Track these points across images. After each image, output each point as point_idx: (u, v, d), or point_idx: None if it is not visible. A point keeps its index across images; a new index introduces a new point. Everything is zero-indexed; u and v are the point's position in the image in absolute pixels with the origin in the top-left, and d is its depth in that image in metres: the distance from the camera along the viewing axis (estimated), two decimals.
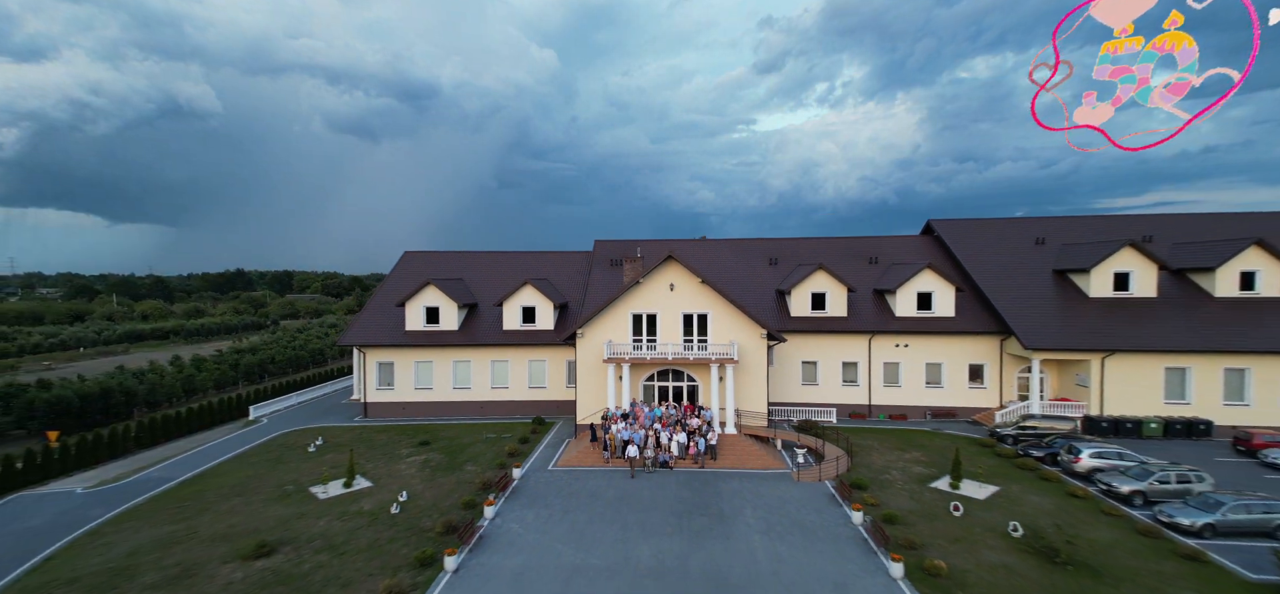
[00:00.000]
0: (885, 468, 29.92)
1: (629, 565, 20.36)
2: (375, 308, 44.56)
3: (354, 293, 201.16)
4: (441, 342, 41.61)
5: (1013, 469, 29.46)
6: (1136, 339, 34.75)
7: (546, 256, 50.44)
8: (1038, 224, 45.39)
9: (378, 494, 27.33)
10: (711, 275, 36.92)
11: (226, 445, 36.02)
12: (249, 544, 22.15)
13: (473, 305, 44.14)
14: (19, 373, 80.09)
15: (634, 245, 44.54)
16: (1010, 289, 39.07)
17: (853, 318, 40.12)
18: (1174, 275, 38.32)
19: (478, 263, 49.48)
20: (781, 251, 47.34)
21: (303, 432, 38.27)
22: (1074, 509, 24.65)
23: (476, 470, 29.96)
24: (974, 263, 41.78)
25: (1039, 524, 22.51)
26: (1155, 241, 40.99)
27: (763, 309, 40.27)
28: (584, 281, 44.99)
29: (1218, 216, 44.04)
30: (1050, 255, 41.57)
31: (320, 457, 33.02)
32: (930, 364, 39.22)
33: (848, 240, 47.73)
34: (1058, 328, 36.11)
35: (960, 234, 44.98)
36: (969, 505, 25.00)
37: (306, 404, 46.77)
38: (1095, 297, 37.47)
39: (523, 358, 41.72)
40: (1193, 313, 35.80)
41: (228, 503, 26.84)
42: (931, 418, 38.91)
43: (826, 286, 40.16)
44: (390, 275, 48.92)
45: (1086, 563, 20.02)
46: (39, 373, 74.13)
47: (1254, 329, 34.20)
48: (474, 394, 41.75)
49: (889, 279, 41.26)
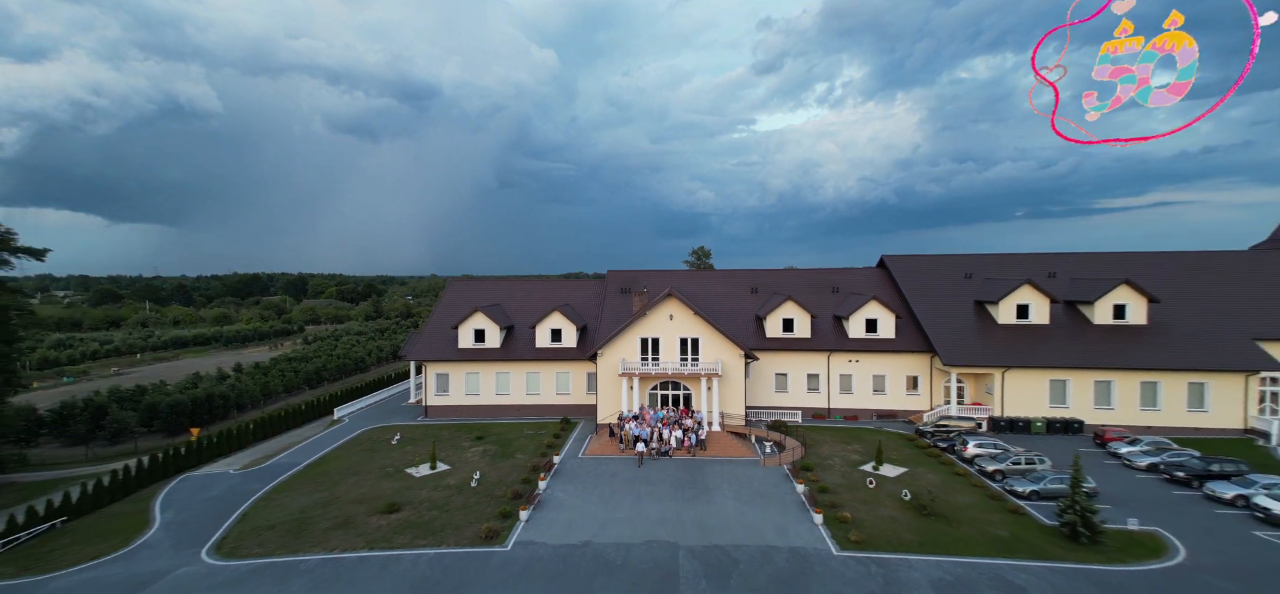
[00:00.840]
0: (830, 456, 40.16)
1: (641, 517, 30.59)
2: (432, 330, 54.81)
3: (370, 298, 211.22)
4: (487, 357, 51.90)
5: (924, 456, 39.68)
6: (1030, 358, 44.98)
7: (568, 283, 60.79)
8: (968, 261, 55.61)
9: (456, 474, 37.55)
10: (703, 305, 47.20)
11: (326, 439, 46.30)
12: (381, 504, 32.44)
13: (510, 327, 54.38)
14: (91, 378, 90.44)
15: (640, 276, 54.93)
16: (939, 316, 49.30)
17: (815, 338, 50.36)
18: (1066, 306, 48.57)
19: (513, 289, 59.82)
20: (761, 281, 57.62)
21: (380, 428, 48.56)
22: (954, 483, 34.86)
23: (525, 457, 40.22)
24: (913, 294, 52.02)
25: (923, 491, 32.73)
26: (1058, 277, 51.29)
27: (744, 331, 50.52)
28: (600, 306, 55.20)
29: (1110, 256, 54.29)
30: (974, 288, 51.81)
31: (401, 448, 43.26)
32: (876, 375, 49.46)
33: (815, 272, 58.03)
34: (971, 348, 46.33)
35: (905, 268, 55.24)
36: (882, 481, 35.23)
37: (375, 406, 57.09)
38: (1002, 323, 47.72)
39: (551, 370, 52.00)
40: (1076, 337, 46.03)
41: (349, 480, 37.09)
42: (877, 418, 49.12)
43: (794, 313, 50.41)
44: (440, 301, 59.20)
45: (945, 515, 30.25)
46: (110, 379, 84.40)
47: (1120, 351, 44.43)
48: (512, 399, 52.03)
49: (844, 307, 51.49)
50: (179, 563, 27.20)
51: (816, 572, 24.88)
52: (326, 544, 28.21)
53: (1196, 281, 49.17)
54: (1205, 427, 42.52)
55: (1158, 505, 31.29)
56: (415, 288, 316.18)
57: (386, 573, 25.30)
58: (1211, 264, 51.45)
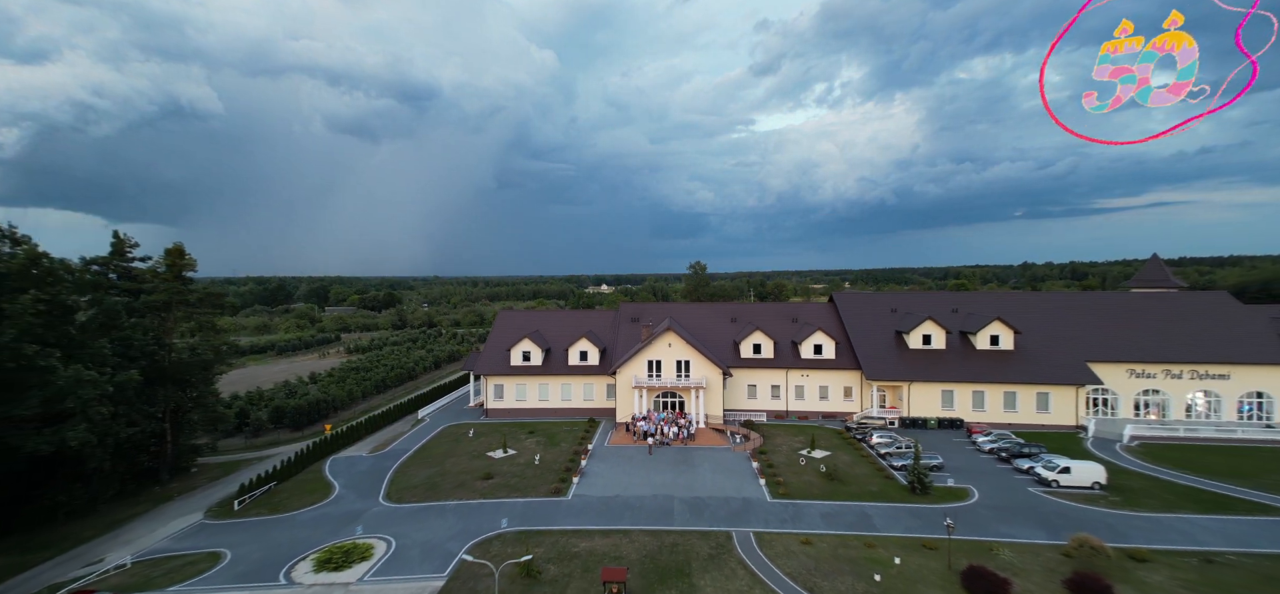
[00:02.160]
0: (781, 445, 57.44)
1: (650, 482, 47.90)
2: (489, 351, 72.08)
3: (392, 308, 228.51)
4: (531, 372, 69.24)
5: (846, 445, 56.97)
6: (929, 374, 62.31)
7: (592, 314, 78.22)
8: (895, 298, 73.00)
9: (522, 457, 54.81)
10: (693, 333, 64.51)
11: (419, 433, 63.56)
12: (479, 473, 49.77)
13: (548, 349, 71.69)
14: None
15: (647, 309, 72.37)
16: (867, 342, 66.66)
17: (777, 358, 67.67)
18: (960, 335, 65.95)
19: (547, 319, 77.21)
20: (740, 313, 75.01)
21: (455, 425, 65.83)
22: (859, 461, 52.15)
23: (568, 446, 57.52)
24: (851, 324, 69.39)
25: (835, 466, 50.02)
26: (958, 313, 68.63)
27: (723, 353, 67.83)
28: (615, 332, 72.49)
29: (994, 295, 71.64)
30: (895, 321, 69.14)
31: (477, 439, 60.47)
32: (821, 386, 66.80)
33: (780, 306, 75.52)
34: (888, 366, 63.67)
35: (847, 304, 72.62)
36: (811, 460, 52.51)
37: (443, 409, 74.39)
38: (912, 348, 65.10)
39: (580, 382, 69.34)
40: (963, 358, 63.41)
41: (449, 460, 54.36)
42: (822, 418, 66.41)
43: (761, 340, 67.77)
44: (494, 328, 76.46)
45: (843, 479, 47.54)
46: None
47: (992, 369, 61.76)
48: (551, 404, 69.36)
49: (799, 335, 68.80)
50: (368, 506, 44.58)
51: (754, 508, 42.27)
52: (455, 496, 45.60)
53: (1052, 317, 66.59)
54: (1048, 424, 59.92)
55: (982, 473, 48.66)
56: (427, 295, 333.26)
57: (501, 509, 42.63)
58: (1066, 303, 69.07)
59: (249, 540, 39.65)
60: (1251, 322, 63.60)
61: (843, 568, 33.65)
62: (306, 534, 40.06)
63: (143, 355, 49.27)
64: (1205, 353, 60.42)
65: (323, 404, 74.79)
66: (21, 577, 37.00)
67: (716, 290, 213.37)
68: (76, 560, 38.75)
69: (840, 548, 36.13)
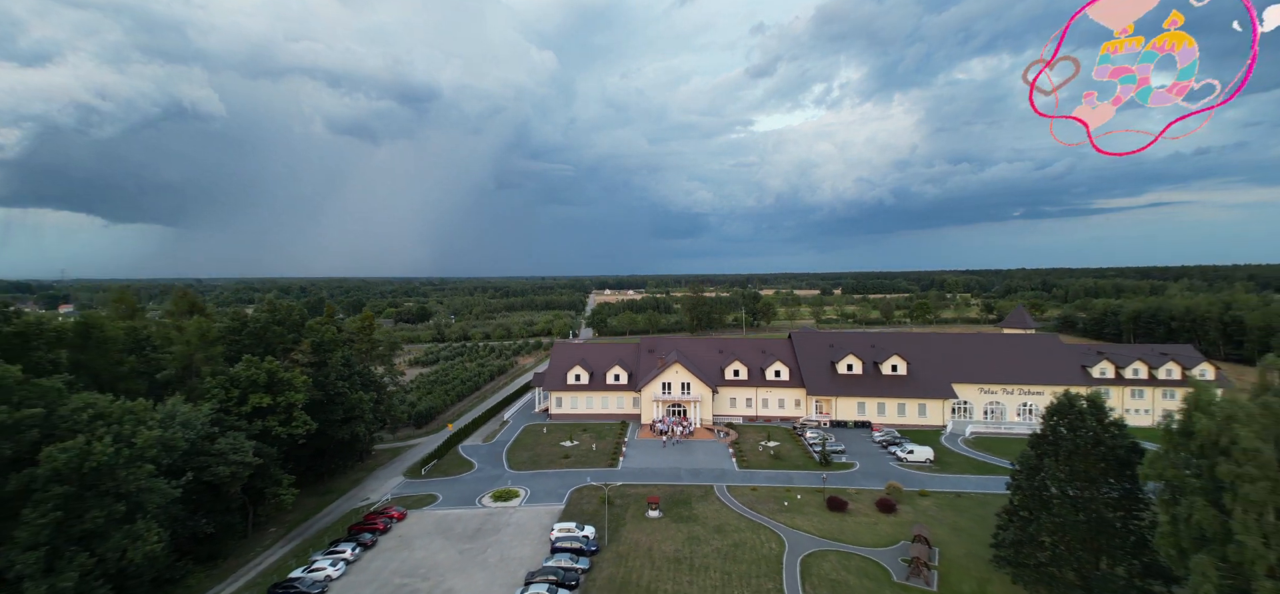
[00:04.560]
0: (749, 439, 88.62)
1: (666, 460, 79.17)
2: (552, 371, 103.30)
3: (430, 322, 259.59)
4: (580, 388, 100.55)
5: (789, 438, 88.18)
6: (850, 391, 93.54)
7: (619, 346, 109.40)
8: (834, 335, 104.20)
9: (582, 446, 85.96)
10: (692, 362, 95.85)
11: (509, 430, 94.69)
12: (560, 455, 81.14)
13: (592, 372, 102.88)
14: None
15: (660, 342, 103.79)
16: (810, 368, 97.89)
17: (749, 379, 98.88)
18: (872, 364, 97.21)
19: (589, 350, 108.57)
20: (725, 346, 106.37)
21: (532, 425, 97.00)
22: (796, 449, 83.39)
23: (611, 440, 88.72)
24: (801, 355, 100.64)
25: (780, 452, 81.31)
26: (875, 347, 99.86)
27: (713, 375, 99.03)
28: (638, 359, 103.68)
29: (900, 336, 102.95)
30: (830, 354, 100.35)
31: (551, 434, 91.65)
32: (779, 399, 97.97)
33: (753, 341, 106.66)
34: (824, 385, 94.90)
35: (800, 339, 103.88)
36: (766, 448, 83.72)
37: (517, 412, 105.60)
38: (840, 373, 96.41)
39: (614, 395, 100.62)
40: (873, 380, 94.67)
41: (537, 447, 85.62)
42: (780, 421, 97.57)
43: (739, 366, 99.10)
44: (552, 356, 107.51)
45: (783, 459, 78.88)
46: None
47: (891, 388, 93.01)
48: (595, 411, 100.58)
49: (765, 363, 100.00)
50: (500, 472, 75.87)
51: (728, 474, 73.56)
52: (551, 467, 76.90)
53: (935, 350, 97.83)
54: (925, 425, 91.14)
55: (869, 454, 79.88)
56: (451, 305, 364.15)
57: (582, 471, 73.86)
58: (945, 341, 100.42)
59: (445, 488, 70.88)
60: (1066, 356, 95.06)
61: (769, 501, 64.94)
62: (474, 486, 71.28)
63: (373, 384, 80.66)
64: (1029, 377, 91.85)
65: (431, 410, 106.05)
66: (326, 510, 68.10)
67: (713, 305, 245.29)
68: (353, 500, 69.94)
69: (771, 492, 67.40)
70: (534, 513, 63.20)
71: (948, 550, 53.27)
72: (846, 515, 61.05)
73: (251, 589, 50.77)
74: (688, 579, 49.43)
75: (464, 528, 60.06)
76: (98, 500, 37.01)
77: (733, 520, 60.15)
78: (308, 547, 57.73)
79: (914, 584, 47.66)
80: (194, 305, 72.28)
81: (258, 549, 57.91)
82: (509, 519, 62.02)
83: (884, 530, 57.73)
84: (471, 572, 51.48)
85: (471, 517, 62.85)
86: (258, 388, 58.17)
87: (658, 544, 55.22)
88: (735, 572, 50.42)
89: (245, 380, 57.86)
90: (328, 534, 60.26)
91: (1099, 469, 39.69)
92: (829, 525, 58.79)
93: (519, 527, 60.13)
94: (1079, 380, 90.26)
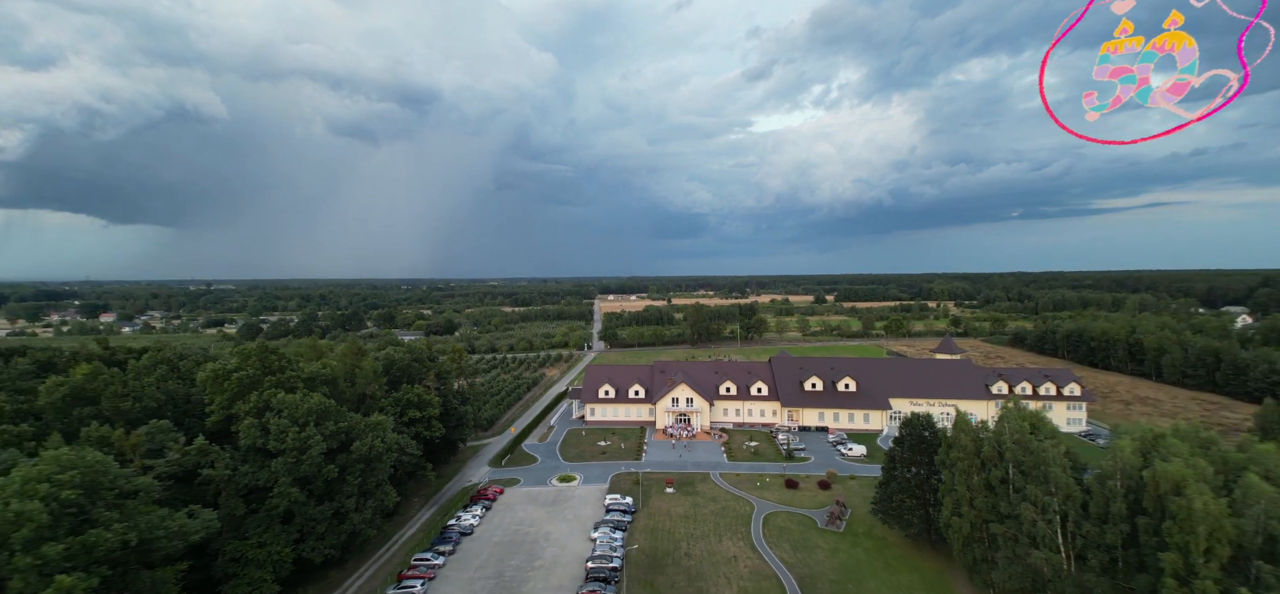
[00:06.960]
0: (737, 441, 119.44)
1: (676, 456, 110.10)
2: (587, 387, 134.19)
3: (457, 333, 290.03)
4: (609, 400, 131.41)
5: (767, 440, 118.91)
6: (814, 403, 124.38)
7: (638, 367, 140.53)
8: (804, 360, 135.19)
9: (613, 445, 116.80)
10: (695, 381, 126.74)
11: (557, 434, 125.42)
12: (599, 451, 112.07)
13: (619, 387, 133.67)
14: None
15: (670, 365, 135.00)
16: (784, 386, 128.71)
17: (738, 394, 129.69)
18: (831, 382, 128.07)
19: (614, 370, 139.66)
20: (721, 368, 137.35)
21: (573, 429, 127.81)
22: (770, 448, 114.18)
23: (634, 441, 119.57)
24: (778, 376, 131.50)
25: (759, 450, 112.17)
26: (835, 369, 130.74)
27: (710, 392, 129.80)
28: (652, 377, 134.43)
29: (852, 360, 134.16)
30: (800, 374, 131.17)
31: (589, 436, 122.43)
32: (760, 409, 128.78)
33: (743, 362, 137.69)
34: (795, 399, 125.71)
35: (778, 364, 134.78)
36: (748, 447, 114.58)
37: (558, 419, 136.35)
38: (807, 390, 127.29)
39: (635, 407, 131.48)
40: (831, 395, 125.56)
41: (581, 445, 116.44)
42: (762, 426, 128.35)
43: (730, 384, 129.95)
44: (587, 375, 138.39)
45: (761, 454, 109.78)
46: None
47: (844, 401, 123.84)
48: (620, 418, 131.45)
49: (750, 382, 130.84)
50: (558, 463, 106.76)
51: (720, 465, 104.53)
52: (594, 460, 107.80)
53: (878, 370, 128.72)
54: (869, 429, 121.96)
55: (823, 451, 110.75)
56: (472, 316, 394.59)
57: (617, 463, 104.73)
58: (885, 363, 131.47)
59: (522, 474, 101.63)
60: (976, 376, 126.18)
61: (747, 483, 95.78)
62: (543, 472, 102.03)
63: (469, 399, 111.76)
64: (947, 392, 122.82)
65: (492, 417, 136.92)
66: (444, 489, 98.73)
67: (712, 316, 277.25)
68: (460, 482, 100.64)
69: (749, 477, 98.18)
70: (589, 490, 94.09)
71: (857, 510, 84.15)
72: (797, 491, 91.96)
73: (424, 529, 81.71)
74: (694, 526, 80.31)
75: (545, 497, 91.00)
76: (373, 472, 67.99)
77: (722, 495, 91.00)
78: (446, 508, 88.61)
79: (830, 527, 78.55)
80: (360, 351, 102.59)
81: (414, 509, 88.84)
82: (573, 493, 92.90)
83: (820, 499, 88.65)
84: (558, 523, 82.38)
85: (547, 492, 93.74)
86: (412, 406, 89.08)
87: (673, 508, 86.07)
88: (722, 524, 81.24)
89: (405, 401, 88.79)
90: (456, 502, 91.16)
91: (921, 456, 70.50)
92: (785, 497, 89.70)
93: (581, 498, 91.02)
94: (982, 395, 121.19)
